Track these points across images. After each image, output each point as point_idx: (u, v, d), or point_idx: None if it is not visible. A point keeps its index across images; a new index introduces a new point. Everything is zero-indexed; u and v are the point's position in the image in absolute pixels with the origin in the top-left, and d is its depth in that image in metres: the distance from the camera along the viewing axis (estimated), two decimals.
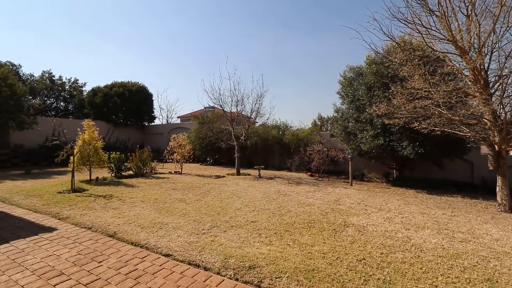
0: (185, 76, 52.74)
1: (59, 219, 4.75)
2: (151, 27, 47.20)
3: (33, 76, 21.64)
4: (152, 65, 51.52)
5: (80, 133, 8.82)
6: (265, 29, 45.14)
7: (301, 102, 54.32)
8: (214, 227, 4.49)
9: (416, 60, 7.04)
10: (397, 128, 8.46)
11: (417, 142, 8.76)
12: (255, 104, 12.36)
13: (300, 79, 53.63)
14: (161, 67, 52.39)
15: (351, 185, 9.86)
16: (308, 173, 12.57)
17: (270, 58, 50.50)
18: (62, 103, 22.99)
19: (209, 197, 6.79)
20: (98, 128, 9.26)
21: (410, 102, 6.95)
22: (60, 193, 6.92)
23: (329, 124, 16.71)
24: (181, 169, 11.90)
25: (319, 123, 16.38)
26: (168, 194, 7.11)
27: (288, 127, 15.52)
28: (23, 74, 20.95)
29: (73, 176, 7.12)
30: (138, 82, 21.76)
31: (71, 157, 8.53)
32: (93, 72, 46.32)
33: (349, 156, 10.29)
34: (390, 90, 7.08)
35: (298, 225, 4.73)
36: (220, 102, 12.43)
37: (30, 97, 20.49)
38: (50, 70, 22.68)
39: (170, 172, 11.77)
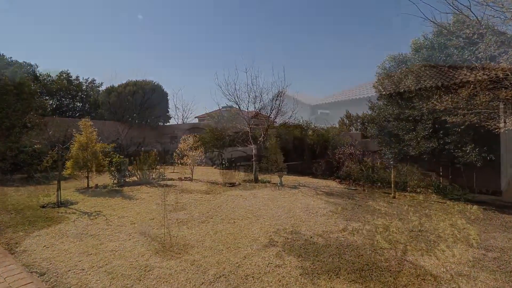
0: (201, 76, 51.98)
1: (12, 253, 3.49)
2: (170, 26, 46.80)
3: (50, 76, 21.41)
4: (168, 63, 51.20)
5: (75, 134, 7.72)
6: (284, 28, 43.25)
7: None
8: (220, 277, 3.01)
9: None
10: (461, 128, 6.57)
11: (485, 145, 6.83)
12: (276, 100, 10.79)
13: (321, 78, 51.17)
14: (177, 66, 51.98)
15: (394, 197, 8.03)
16: (337, 180, 10.80)
17: (289, 56, 48.46)
18: (78, 103, 22.68)
19: (219, 217, 5.33)
20: (96, 129, 8.11)
21: (489, 93, 5.11)
22: (44, 207, 5.78)
23: (358, 123, 14.75)
24: (192, 174, 10.60)
25: (347, 121, 14.58)
26: (169, 211, 5.75)
27: (312, 126, 13.80)
28: (39, 74, 20.71)
29: (59, 187, 5.94)
30: (152, 81, 20.87)
31: (67, 162, 7.48)
32: (108, 70, 46.72)
33: (391, 162, 8.48)
34: (461, 77, 5.31)
35: (345, 273, 3.15)
36: (236, 98, 10.98)
37: (47, 97, 20.28)
38: (67, 70, 22.42)
39: (179, 178, 10.51)
